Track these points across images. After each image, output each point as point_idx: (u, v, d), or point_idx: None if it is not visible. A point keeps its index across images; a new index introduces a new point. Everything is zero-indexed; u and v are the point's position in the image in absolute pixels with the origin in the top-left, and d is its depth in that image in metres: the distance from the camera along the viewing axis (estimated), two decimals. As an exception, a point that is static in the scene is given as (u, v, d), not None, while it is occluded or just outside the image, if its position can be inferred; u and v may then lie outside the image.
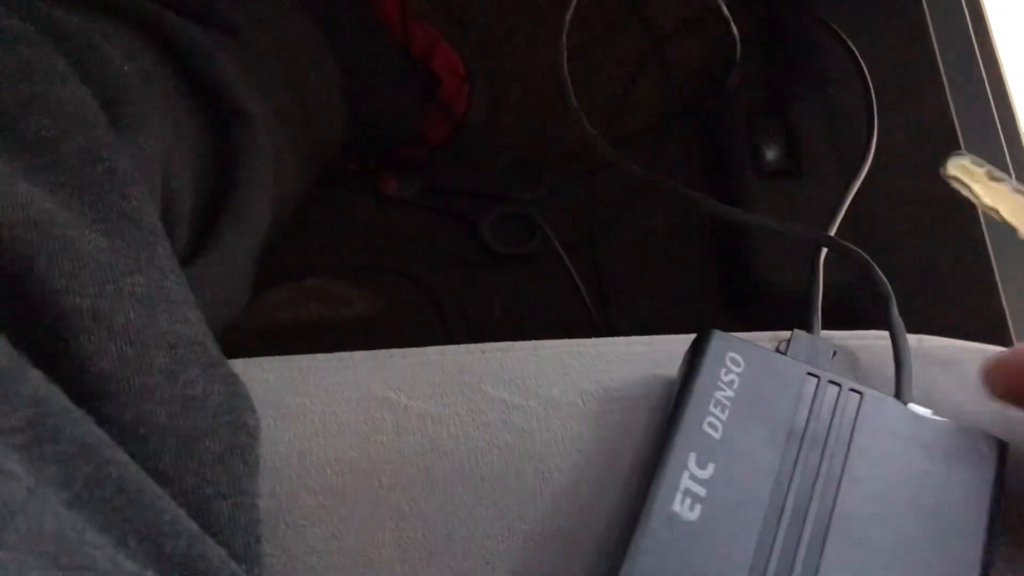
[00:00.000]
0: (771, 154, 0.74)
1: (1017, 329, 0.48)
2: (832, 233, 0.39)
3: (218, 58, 0.41)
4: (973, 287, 0.53)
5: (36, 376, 0.24)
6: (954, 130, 0.58)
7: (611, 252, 0.76)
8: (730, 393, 0.28)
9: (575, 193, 0.77)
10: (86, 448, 0.24)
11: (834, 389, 0.29)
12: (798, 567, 0.26)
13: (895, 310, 0.32)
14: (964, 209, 0.54)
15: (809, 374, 0.29)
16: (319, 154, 0.57)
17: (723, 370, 0.29)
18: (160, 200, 0.35)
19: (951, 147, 0.59)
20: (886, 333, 0.33)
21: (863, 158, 0.44)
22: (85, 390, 0.26)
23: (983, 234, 0.51)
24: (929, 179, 0.60)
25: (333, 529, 0.28)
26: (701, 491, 0.26)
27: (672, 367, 0.31)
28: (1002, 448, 0.28)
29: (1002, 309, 0.50)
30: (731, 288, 0.75)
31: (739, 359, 0.29)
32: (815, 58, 0.75)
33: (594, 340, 0.34)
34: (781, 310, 0.71)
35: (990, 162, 0.32)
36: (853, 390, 0.29)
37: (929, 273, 0.55)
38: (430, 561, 0.28)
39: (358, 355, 0.33)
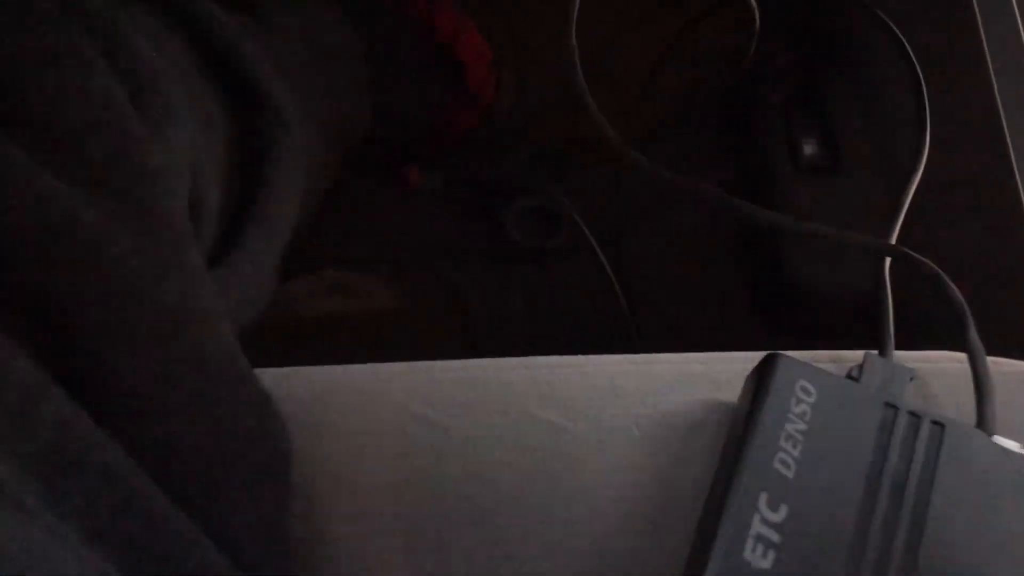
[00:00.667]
0: (808, 148, 0.72)
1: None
2: (893, 241, 0.37)
3: (246, 44, 0.39)
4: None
5: (59, 395, 0.22)
6: (1000, 125, 0.56)
7: (638, 248, 0.74)
8: (802, 426, 0.26)
9: (602, 187, 0.75)
10: (111, 476, 0.22)
11: (914, 421, 0.27)
12: None
13: (973, 331, 0.29)
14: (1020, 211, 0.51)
15: (887, 404, 0.27)
16: (346, 144, 0.55)
17: (793, 400, 0.27)
18: (189, 200, 0.33)
19: (998, 143, 0.57)
20: (960, 355, 0.31)
21: (918, 154, 0.42)
22: (108, 409, 0.24)
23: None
24: (979, 177, 0.58)
25: (369, 561, 0.26)
26: (774, 536, 0.24)
27: (733, 390, 0.29)
28: None
29: None
30: (762, 290, 0.72)
31: (810, 388, 0.27)
32: (854, 47, 0.72)
33: (645, 356, 0.32)
34: (814, 314, 0.69)
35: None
36: (935, 422, 0.27)
37: (988, 284, 0.52)
38: (474, 597, 0.26)
39: (395, 367, 0.31)
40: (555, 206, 0.73)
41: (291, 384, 0.30)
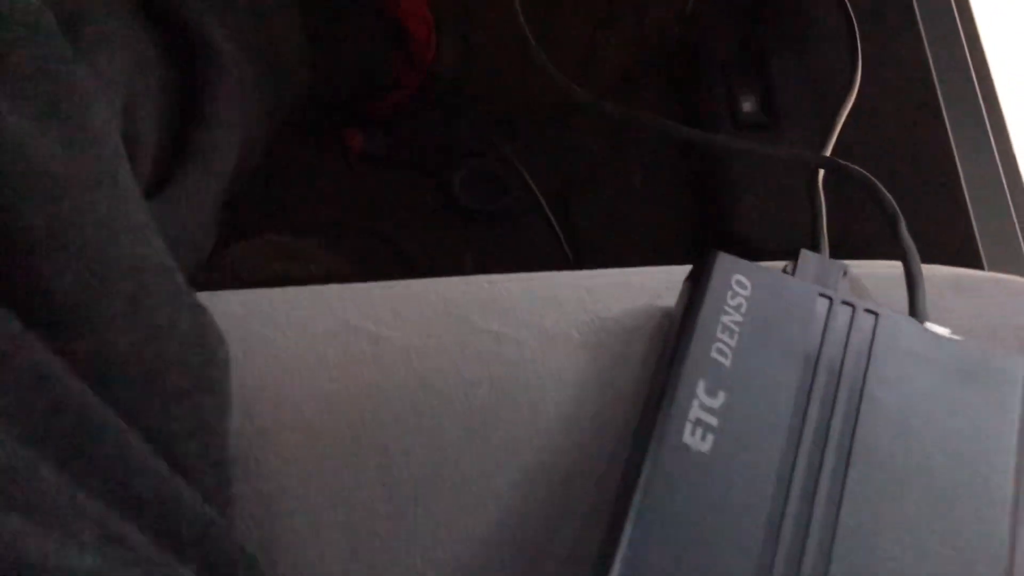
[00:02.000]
0: (748, 106, 0.73)
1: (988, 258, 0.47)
2: (828, 154, 0.37)
3: None
4: (949, 229, 0.52)
5: None
6: (931, 80, 0.57)
7: (587, 208, 0.74)
8: (738, 317, 0.26)
9: (549, 148, 0.75)
10: (43, 379, 0.22)
11: (847, 310, 0.27)
12: (821, 496, 0.24)
13: (904, 228, 0.30)
14: (940, 157, 0.53)
15: (821, 295, 0.27)
16: (285, 99, 0.54)
17: (729, 293, 0.27)
18: (123, 129, 0.32)
19: (928, 97, 0.58)
20: (893, 262, 0.31)
21: (850, 86, 0.42)
22: (40, 316, 0.23)
23: (959, 176, 0.50)
24: (905, 126, 0.59)
25: (311, 469, 0.26)
26: (713, 421, 0.25)
27: (671, 298, 0.29)
28: None
29: (979, 253, 0.49)
30: (712, 244, 0.73)
31: (746, 281, 0.27)
32: (794, 9, 0.74)
33: (587, 272, 0.32)
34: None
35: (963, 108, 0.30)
36: (868, 310, 0.27)
37: (915, 202, 0.54)
38: (417, 501, 0.26)
39: (334, 288, 0.31)
40: (502, 168, 0.73)
41: (230, 303, 0.29)
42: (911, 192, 0.53)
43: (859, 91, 0.42)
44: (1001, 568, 0.24)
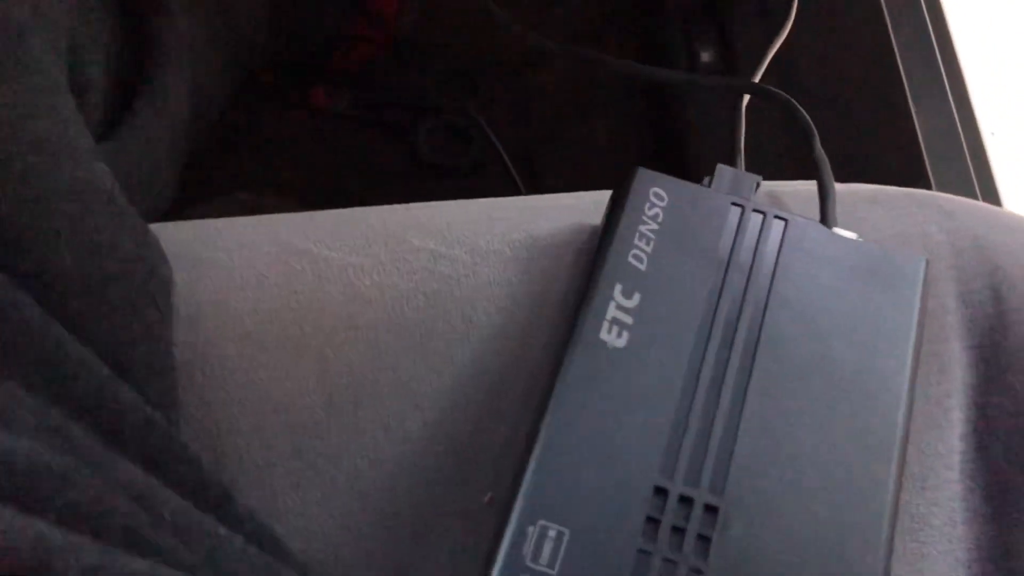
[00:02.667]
0: (706, 56, 0.74)
1: (936, 179, 0.49)
2: (756, 81, 0.39)
3: None
4: (895, 139, 0.53)
5: None
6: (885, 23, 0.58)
7: (551, 160, 0.76)
8: (654, 226, 0.28)
9: (511, 102, 0.76)
10: None
11: (758, 217, 0.29)
12: (728, 386, 0.26)
13: (818, 143, 0.31)
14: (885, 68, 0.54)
15: (734, 204, 0.29)
16: (243, 53, 0.55)
17: (647, 204, 0.28)
18: (66, 70, 0.33)
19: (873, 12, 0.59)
20: (813, 182, 0.33)
21: (786, 13, 0.44)
22: None
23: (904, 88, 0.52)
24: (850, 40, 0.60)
25: (253, 377, 0.28)
26: (628, 319, 0.26)
27: (600, 217, 0.31)
28: (926, 265, 0.28)
29: (922, 160, 0.50)
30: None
31: (663, 193, 0.29)
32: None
33: (523, 197, 0.34)
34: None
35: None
36: (778, 217, 0.29)
37: (853, 131, 0.55)
38: (357, 405, 0.28)
39: (278, 216, 0.32)
40: (466, 123, 0.74)
41: (175, 231, 0.31)
42: (865, 122, 0.55)
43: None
44: (894, 450, 0.25)
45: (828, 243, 0.28)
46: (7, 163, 0.25)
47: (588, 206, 0.33)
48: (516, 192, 0.74)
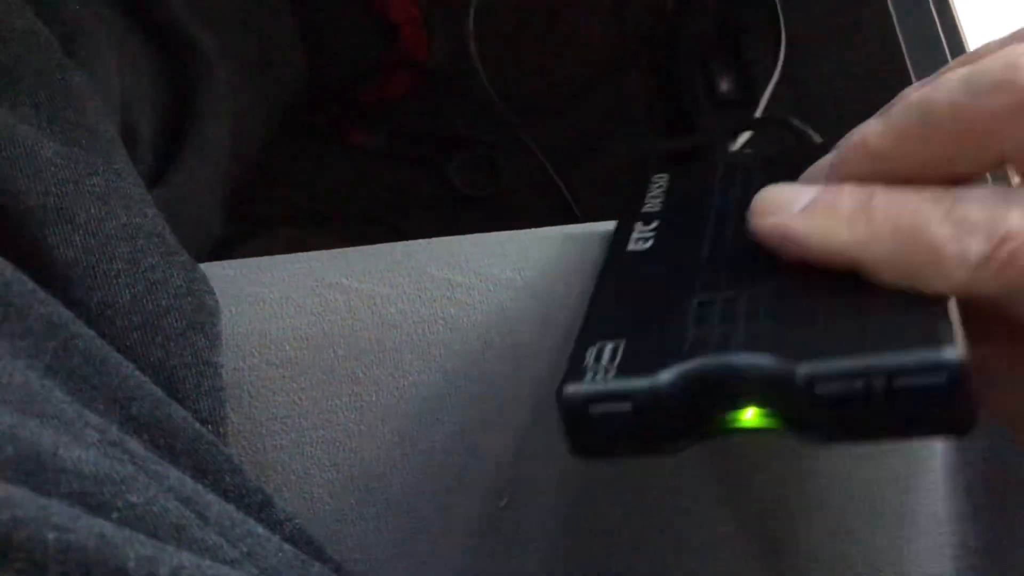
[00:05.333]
0: (724, 85, 0.77)
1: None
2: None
3: (172, 1, 0.43)
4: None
5: (3, 263, 0.26)
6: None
7: (580, 190, 0.79)
8: (661, 189, 0.32)
9: (539, 132, 0.79)
10: (53, 325, 0.26)
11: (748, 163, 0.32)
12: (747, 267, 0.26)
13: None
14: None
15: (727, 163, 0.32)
16: (280, 97, 0.59)
17: (653, 186, 0.32)
18: (120, 126, 0.37)
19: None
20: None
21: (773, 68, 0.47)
22: (52, 277, 0.28)
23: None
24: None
25: (294, 396, 0.31)
26: (650, 234, 0.30)
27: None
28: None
29: None
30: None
31: (664, 175, 0.32)
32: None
33: (535, 229, 0.37)
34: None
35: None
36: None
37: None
38: (384, 420, 0.31)
39: (313, 254, 0.36)
40: (496, 154, 0.78)
41: (221, 268, 0.34)
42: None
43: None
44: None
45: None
46: (74, 214, 0.29)
47: (594, 235, 0.36)
48: (547, 217, 0.77)
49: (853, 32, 0.65)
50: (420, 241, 0.36)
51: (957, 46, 0.59)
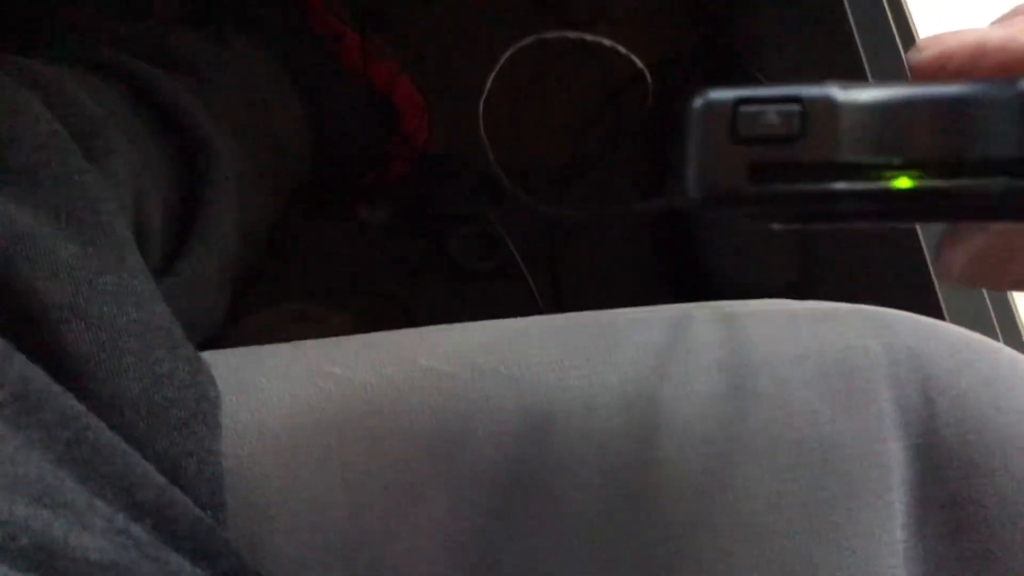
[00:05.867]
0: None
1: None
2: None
3: (182, 97, 0.46)
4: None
5: (20, 358, 0.29)
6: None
7: (573, 264, 0.81)
8: None
9: (536, 207, 0.82)
10: (66, 417, 0.29)
11: None
12: None
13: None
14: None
15: None
16: (287, 181, 0.62)
17: None
18: (133, 221, 0.40)
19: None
20: (773, 300, 0.38)
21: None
22: (66, 371, 0.30)
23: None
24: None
25: (288, 483, 0.33)
26: None
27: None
28: None
29: None
30: (686, 289, 0.80)
31: None
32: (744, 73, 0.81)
33: (519, 319, 0.39)
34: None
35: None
36: None
37: None
38: (373, 505, 0.33)
39: (309, 342, 0.38)
40: (493, 230, 0.81)
41: (225, 357, 0.36)
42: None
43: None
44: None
45: None
46: (88, 312, 0.31)
47: (576, 327, 0.38)
48: (543, 291, 0.79)
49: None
50: (412, 330, 0.38)
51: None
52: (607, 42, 0.47)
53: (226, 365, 0.36)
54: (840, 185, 0.20)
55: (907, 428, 0.34)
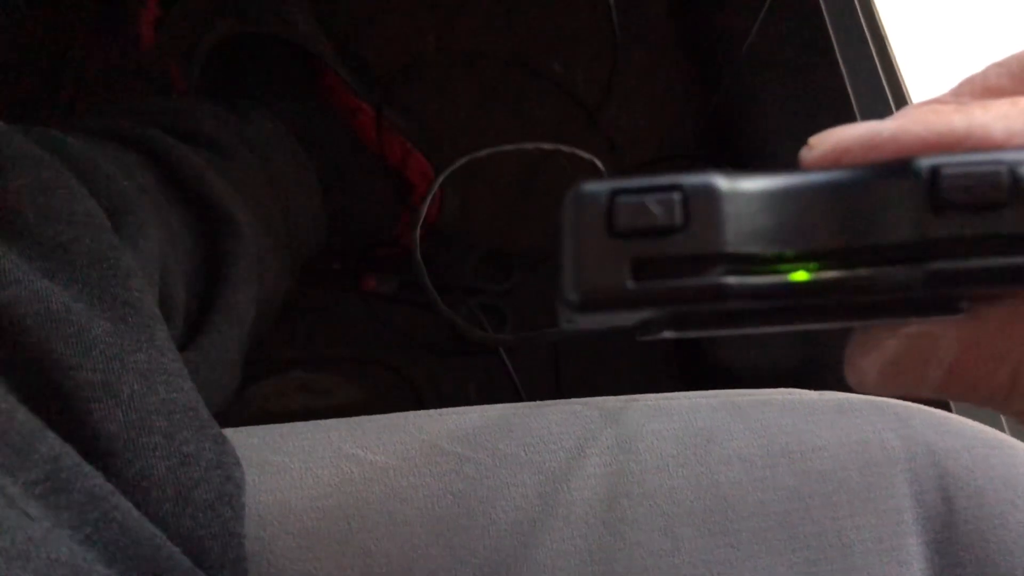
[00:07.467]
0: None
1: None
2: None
3: (207, 174, 0.47)
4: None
5: (52, 437, 0.29)
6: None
7: (574, 346, 0.82)
8: None
9: (541, 284, 0.83)
10: (95, 498, 0.29)
11: None
12: None
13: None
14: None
15: None
16: (302, 255, 0.63)
17: None
18: (158, 296, 0.40)
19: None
20: (777, 390, 0.38)
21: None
22: (95, 449, 0.31)
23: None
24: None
25: (309, 567, 0.33)
26: None
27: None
28: None
29: None
30: (687, 371, 0.80)
31: None
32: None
33: (536, 403, 0.39)
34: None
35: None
36: None
37: None
38: (393, 591, 0.33)
39: (332, 421, 0.38)
40: (499, 303, 0.81)
41: (248, 435, 0.37)
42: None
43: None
44: None
45: None
46: (119, 390, 0.32)
47: (593, 413, 0.38)
48: (548, 366, 0.80)
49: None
50: (433, 412, 0.39)
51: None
52: (584, 155, 0.48)
53: (248, 444, 0.36)
54: (731, 279, 0.18)
55: (926, 524, 0.34)
